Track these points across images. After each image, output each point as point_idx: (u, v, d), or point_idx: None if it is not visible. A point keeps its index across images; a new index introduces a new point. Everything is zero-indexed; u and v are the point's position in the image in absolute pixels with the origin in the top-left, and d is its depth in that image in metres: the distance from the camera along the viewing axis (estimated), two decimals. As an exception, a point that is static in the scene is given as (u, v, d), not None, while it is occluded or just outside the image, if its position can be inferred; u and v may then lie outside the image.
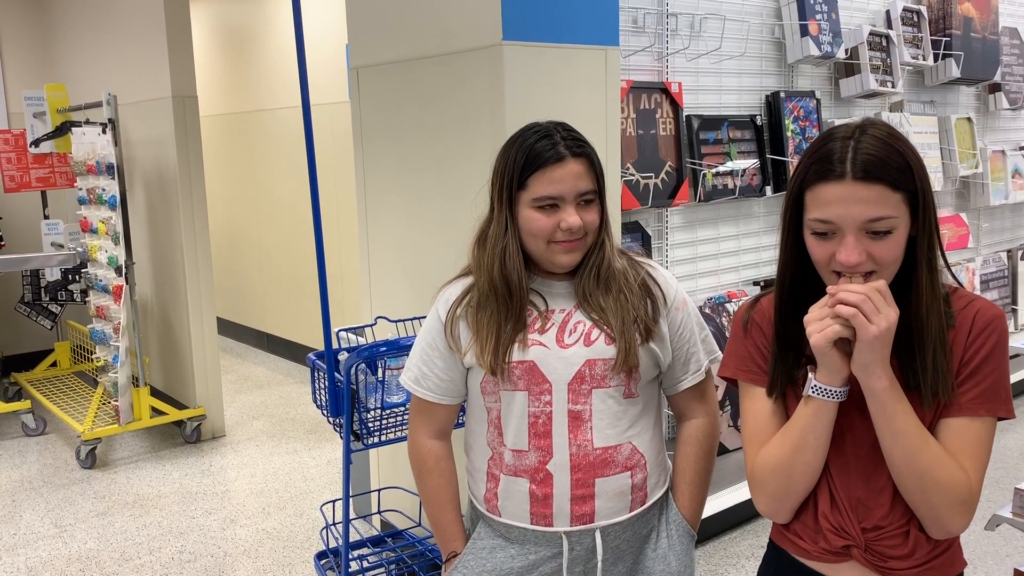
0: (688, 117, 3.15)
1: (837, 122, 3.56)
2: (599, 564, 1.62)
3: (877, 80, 3.62)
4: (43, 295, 5.24)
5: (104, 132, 4.29)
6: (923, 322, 1.29)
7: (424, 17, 2.72)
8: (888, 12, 3.82)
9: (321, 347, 2.54)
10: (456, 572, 1.68)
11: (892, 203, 1.24)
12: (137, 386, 4.39)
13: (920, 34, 3.96)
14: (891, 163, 1.24)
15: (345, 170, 5.18)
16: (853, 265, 1.25)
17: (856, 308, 1.21)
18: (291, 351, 6.19)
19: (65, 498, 3.91)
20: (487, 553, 1.66)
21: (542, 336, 1.59)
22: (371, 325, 2.76)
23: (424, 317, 1.73)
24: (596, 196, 1.59)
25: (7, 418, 4.95)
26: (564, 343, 1.59)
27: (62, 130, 4.97)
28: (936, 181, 4.20)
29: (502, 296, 1.58)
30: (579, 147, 1.57)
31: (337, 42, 5.14)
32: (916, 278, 1.29)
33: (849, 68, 3.65)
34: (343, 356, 2.47)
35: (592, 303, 1.60)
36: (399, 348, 2.37)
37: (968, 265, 4.50)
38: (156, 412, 4.50)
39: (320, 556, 2.85)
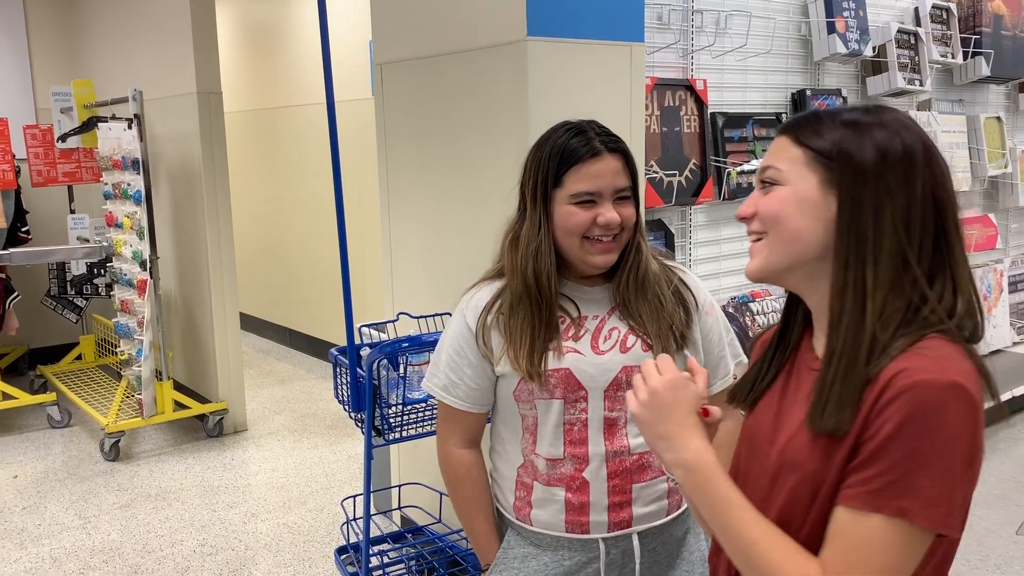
0: (713, 114, 3.13)
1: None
2: (636, 567, 1.59)
3: (905, 78, 3.58)
4: (68, 289, 5.29)
5: (130, 127, 4.32)
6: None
7: (448, 13, 2.72)
8: (917, 9, 3.77)
9: (343, 343, 2.55)
10: None
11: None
12: (160, 380, 4.42)
13: (949, 32, 3.91)
14: None
15: (368, 166, 5.19)
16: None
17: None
18: (313, 347, 6.22)
19: (89, 490, 3.95)
20: (519, 563, 1.61)
21: (576, 343, 1.55)
22: (393, 321, 2.76)
23: (446, 313, 1.72)
24: (631, 193, 1.55)
25: (33, 410, 5.00)
26: (599, 349, 1.55)
27: (88, 125, 5.01)
28: (964, 181, 4.14)
29: (535, 299, 1.53)
30: (614, 143, 1.54)
31: (361, 38, 5.15)
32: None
33: (876, 66, 3.60)
34: (365, 352, 2.48)
35: (631, 309, 1.57)
36: (421, 344, 2.37)
37: (996, 267, 4.44)
38: (179, 406, 4.53)
39: (340, 551, 2.85)
